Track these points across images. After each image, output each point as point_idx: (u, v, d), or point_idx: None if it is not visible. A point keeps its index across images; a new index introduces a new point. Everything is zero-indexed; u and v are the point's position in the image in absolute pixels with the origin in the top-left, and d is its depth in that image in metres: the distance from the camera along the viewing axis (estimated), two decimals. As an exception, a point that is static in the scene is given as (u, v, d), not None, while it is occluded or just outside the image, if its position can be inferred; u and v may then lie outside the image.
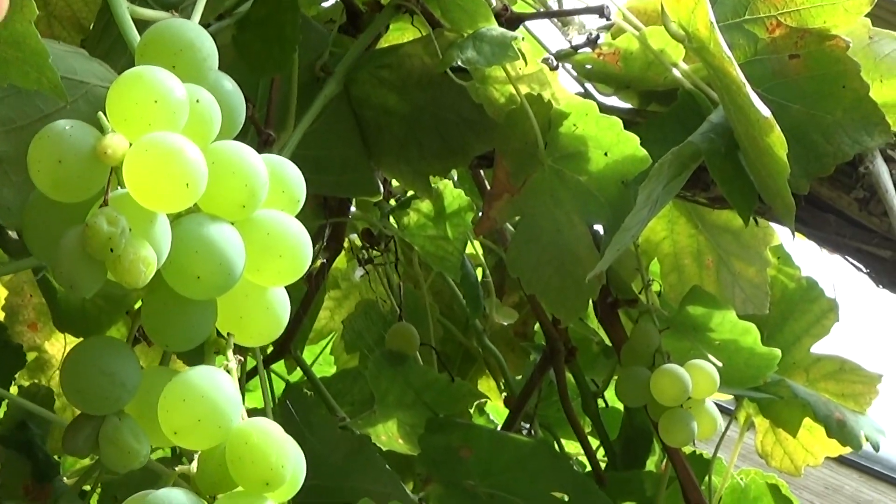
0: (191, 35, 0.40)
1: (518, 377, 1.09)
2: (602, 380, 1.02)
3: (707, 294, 0.87)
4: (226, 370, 0.39)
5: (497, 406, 1.16)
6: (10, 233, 0.77)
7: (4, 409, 0.91)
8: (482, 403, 1.15)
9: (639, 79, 0.78)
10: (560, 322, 0.95)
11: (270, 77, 0.71)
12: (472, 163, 0.82)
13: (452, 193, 0.95)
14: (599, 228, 0.76)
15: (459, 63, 0.68)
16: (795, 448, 1.05)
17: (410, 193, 0.96)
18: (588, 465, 1.01)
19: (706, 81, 0.72)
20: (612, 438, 1.02)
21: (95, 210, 0.34)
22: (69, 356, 0.38)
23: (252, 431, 0.37)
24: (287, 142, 0.67)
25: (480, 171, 0.93)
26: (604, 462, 1.03)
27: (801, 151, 0.69)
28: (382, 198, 0.95)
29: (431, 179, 0.82)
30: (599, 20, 0.76)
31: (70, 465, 1.13)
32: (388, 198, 0.97)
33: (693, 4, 0.66)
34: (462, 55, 0.67)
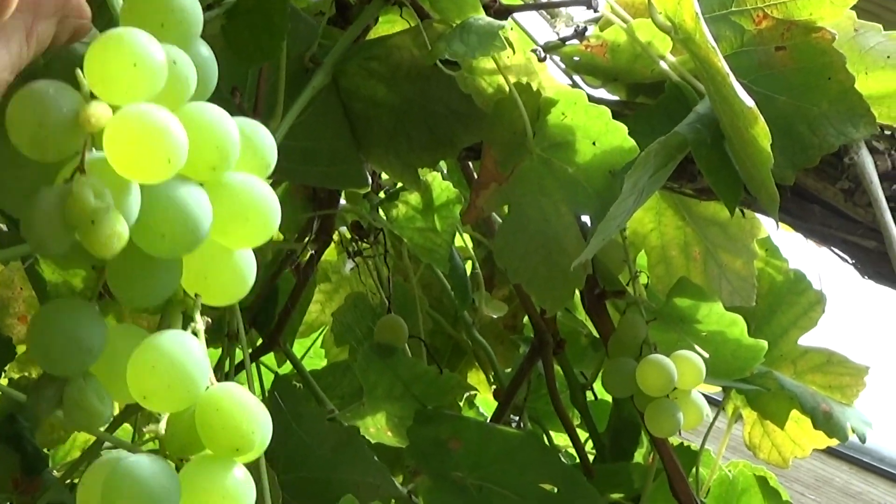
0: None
1: (507, 370, 1.09)
2: (591, 372, 1.03)
3: (694, 286, 0.87)
4: (193, 332, 0.39)
5: (486, 398, 1.17)
6: (-1, 225, 0.76)
7: (-7, 402, 0.91)
8: (472, 396, 1.16)
9: (626, 71, 0.78)
10: (548, 314, 0.95)
11: (259, 66, 0.71)
12: (461, 154, 0.82)
13: (441, 186, 0.95)
14: (587, 219, 0.77)
15: (448, 56, 0.68)
16: (783, 440, 1.05)
17: (399, 185, 0.96)
18: (577, 457, 1.01)
19: (693, 73, 0.73)
20: (601, 431, 1.02)
21: (81, 179, 0.34)
22: (35, 318, 0.38)
23: (222, 397, 0.37)
24: (275, 132, 0.67)
25: (469, 164, 0.93)
26: (592, 454, 1.04)
27: (787, 143, 0.70)
28: (371, 190, 0.95)
29: (420, 171, 0.82)
30: (587, 12, 0.76)
31: (59, 459, 1.13)
32: (377, 190, 0.97)
33: (679, -4, 0.66)
34: (450, 48, 0.67)
